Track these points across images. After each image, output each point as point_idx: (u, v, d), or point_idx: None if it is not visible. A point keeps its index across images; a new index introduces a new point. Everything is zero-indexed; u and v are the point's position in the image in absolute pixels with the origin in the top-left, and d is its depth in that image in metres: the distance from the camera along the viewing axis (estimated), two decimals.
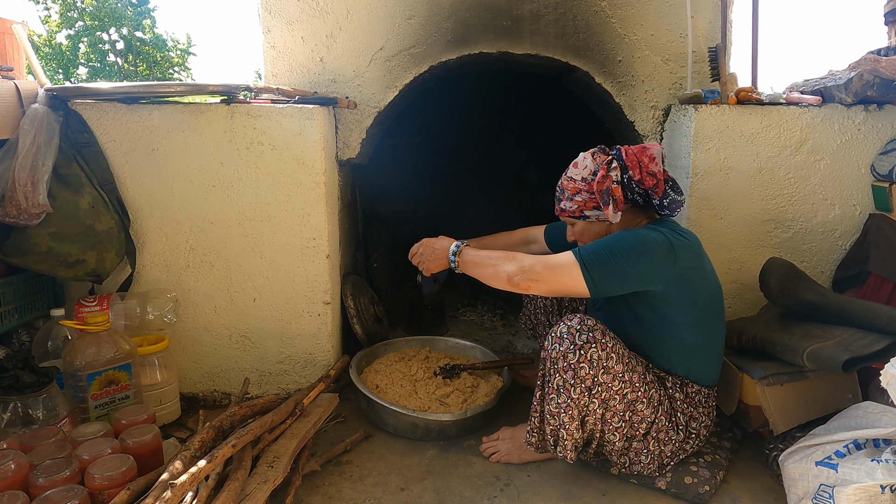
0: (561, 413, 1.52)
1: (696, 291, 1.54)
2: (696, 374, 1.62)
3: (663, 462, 1.61)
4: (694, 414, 1.63)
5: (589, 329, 1.47)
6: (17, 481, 1.32)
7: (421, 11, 2.18)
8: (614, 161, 1.55)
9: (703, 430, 1.65)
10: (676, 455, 1.62)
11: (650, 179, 1.52)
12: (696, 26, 2.17)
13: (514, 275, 1.50)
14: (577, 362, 1.47)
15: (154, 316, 1.98)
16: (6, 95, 1.80)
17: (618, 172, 1.54)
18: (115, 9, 14.35)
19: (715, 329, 1.64)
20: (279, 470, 1.49)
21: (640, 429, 1.56)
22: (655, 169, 1.52)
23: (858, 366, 1.57)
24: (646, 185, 1.53)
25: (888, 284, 1.88)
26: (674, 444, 1.60)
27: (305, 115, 1.94)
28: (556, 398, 1.51)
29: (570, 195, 1.62)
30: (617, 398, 1.50)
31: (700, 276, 1.55)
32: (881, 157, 1.97)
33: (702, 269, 1.56)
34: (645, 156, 1.54)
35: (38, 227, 1.74)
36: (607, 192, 1.53)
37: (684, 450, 1.63)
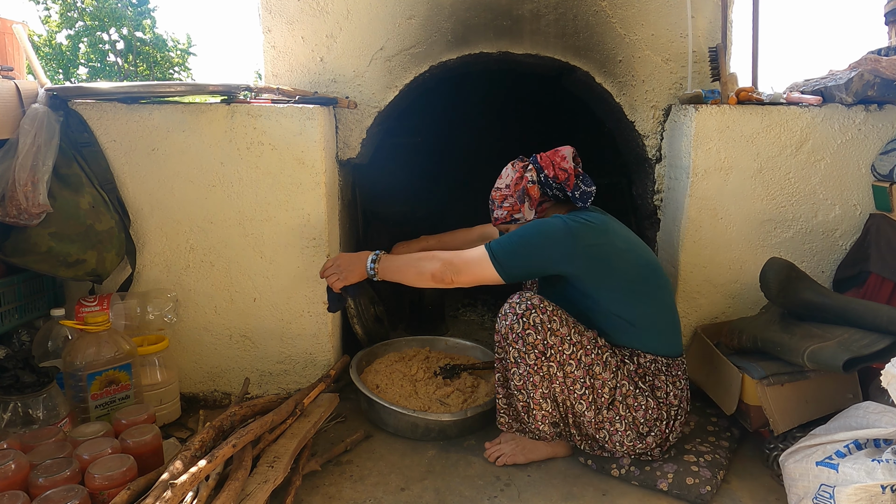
0: (525, 383, 1.61)
1: (612, 268, 1.61)
2: (645, 346, 1.64)
3: (640, 431, 1.61)
4: (656, 382, 1.62)
5: (527, 299, 1.60)
6: (18, 481, 1.32)
7: (421, 11, 2.18)
8: (530, 164, 1.75)
9: (673, 399, 1.63)
10: (654, 425, 1.61)
11: (562, 174, 1.70)
12: (697, 26, 2.17)
13: (437, 271, 1.64)
14: (524, 330, 1.58)
15: (154, 316, 1.98)
16: (6, 95, 1.80)
17: (533, 173, 1.73)
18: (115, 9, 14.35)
19: (651, 301, 1.65)
20: (279, 470, 1.49)
21: (605, 394, 1.59)
22: (566, 165, 1.70)
23: (859, 366, 1.57)
24: (560, 180, 1.69)
25: (888, 284, 1.88)
26: (645, 410, 1.60)
27: (306, 114, 1.94)
28: (517, 370, 1.61)
29: (499, 203, 1.77)
30: (573, 363, 1.58)
31: (611, 252, 1.62)
32: (881, 157, 1.97)
33: (611, 245, 1.62)
34: (557, 156, 1.72)
35: (39, 226, 1.74)
36: (523, 191, 1.72)
37: (662, 419, 1.62)
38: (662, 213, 2.26)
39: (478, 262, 1.62)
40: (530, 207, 1.72)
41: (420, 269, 1.69)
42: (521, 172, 1.74)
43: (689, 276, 2.08)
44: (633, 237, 1.73)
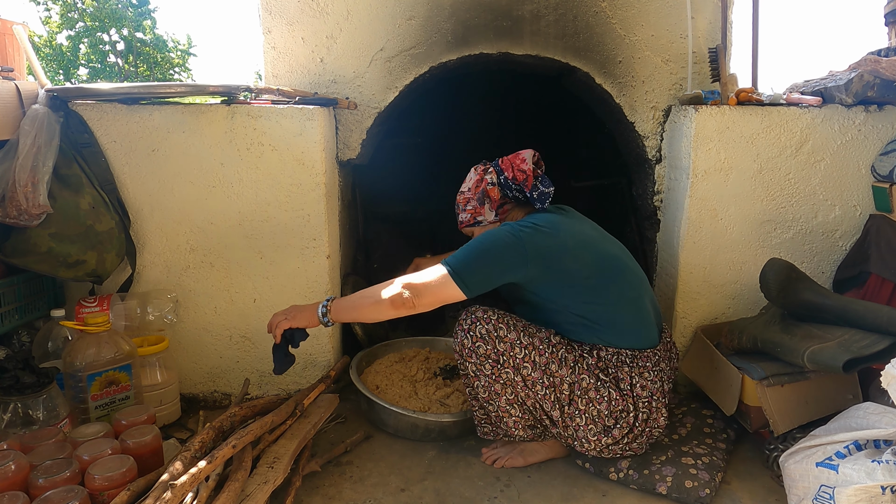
0: (490, 394, 1.65)
1: (564, 268, 1.59)
2: (607, 340, 1.62)
3: (605, 424, 1.59)
4: (619, 374, 1.60)
5: (472, 313, 1.65)
6: (18, 482, 1.32)
7: (421, 12, 2.18)
8: (491, 167, 1.79)
9: (640, 391, 1.60)
10: (620, 416, 1.59)
11: (521, 175, 1.72)
12: (697, 27, 2.17)
13: (396, 296, 1.53)
14: (473, 343, 1.62)
15: (154, 316, 1.98)
16: (7, 96, 1.80)
17: (493, 175, 1.77)
18: (115, 10, 14.36)
19: (611, 295, 1.62)
20: (279, 470, 1.49)
21: (565, 390, 1.58)
22: (525, 167, 1.72)
23: (859, 366, 1.57)
24: (518, 181, 1.72)
25: (888, 285, 1.88)
26: (608, 402, 1.58)
27: (306, 115, 1.94)
28: (478, 383, 1.65)
29: (463, 206, 1.81)
30: (528, 365, 1.59)
31: (562, 252, 1.59)
32: (881, 158, 1.97)
33: (561, 245, 1.60)
34: (517, 158, 1.75)
35: (39, 227, 1.74)
36: (483, 193, 1.76)
37: (628, 410, 1.59)
38: (662, 214, 2.26)
39: (438, 280, 1.53)
40: (490, 209, 1.76)
41: (376, 297, 1.56)
42: (482, 175, 1.78)
43: (689, 277, 2.08)
44: (591, 233, 1.71)
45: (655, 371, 1.63)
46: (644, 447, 1.68)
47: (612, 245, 1.72)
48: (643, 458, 1.70)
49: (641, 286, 1.70)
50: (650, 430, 1.64)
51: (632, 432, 1.61)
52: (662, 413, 1.64)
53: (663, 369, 1.65)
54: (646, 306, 1.69)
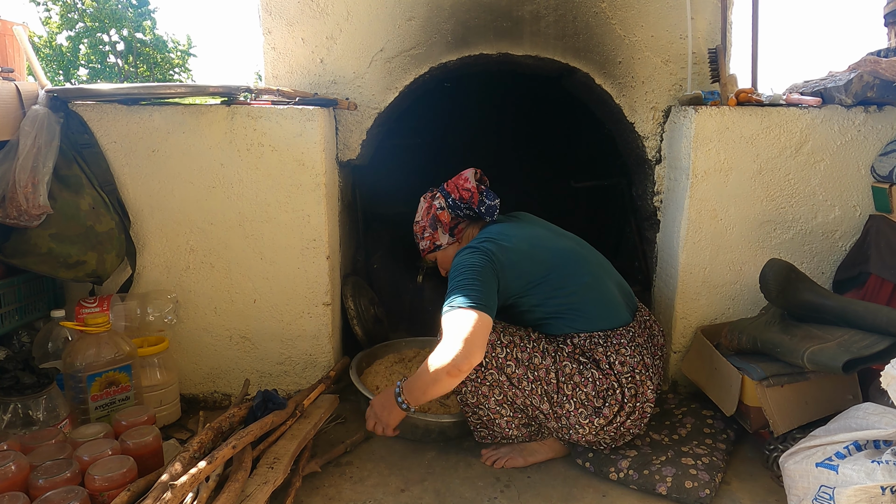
0: (477, 398, 1.66)
1: (526, 271, 1.65)
2: (577, 328, 1.65)
3: (595, 405, 1.59)
4: (595, 356, 1.62)
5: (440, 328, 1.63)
6: (18, 482, 1.32)
7: (421, 13, 2.18)
8: (438, 192, 1.84)
9: (620, 367, 1.60)
10: (608, 395, 1.59)
11: (466, 194, 1.79)
12: (696, 28, 2.17)
13: (451, 368, 1.45)
14: None
15: (154, 317, 1.98)
16: (7, 97, 1.80)
17: (441, 200, 1.82)
18: (115, 10, 14.37)
19: (572, 286, 1.65)
20: (279, 471, 1.49)
21: (552, 380, 1.60)
22: (469, 186, 1.78)
23: (859, 367, 1.57)
24: (465, 199, 1.79)
25: (888, 285, 1.88)
26: (593, 382, 1.59)
27: (306, 116, 1.94)
28: (465, 388, 1.67)
29: (420, 235, 1.87)
30: (511, 364, 1.61)
31: (518, 256, 1.65)
32: (881, 159, 1.97)
33: (515, 250, 1.65)
34: (460, 179, 1.81)
35: (39, 228, 1.74)
36: (434, 219, 1.83)
37: (613, 388, 1.59)
38: (662, 215, 2.27)
39: (470, 323, 1.46)
40: (444, 232, 1.82)
41: (437, 376, 1.48)
42: (430, 202, 1.84)
43: (689, 278, 2.08)
44: (543, 233, 1.78)
45: (632, 346, 1.64)
46: (640, 426, 1.67)
47: (564, 240, 1.79)
48: (643, 458, 1.70)
49: (601, 270, 1.74)
50: (640, 405, 1.63)
51: (622, 409, 1.61)
52: (649, 386, 1.63)
53: (641, 344, 1.66)
54: (609, 288, 1.72)
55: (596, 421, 1.61)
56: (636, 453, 1.72)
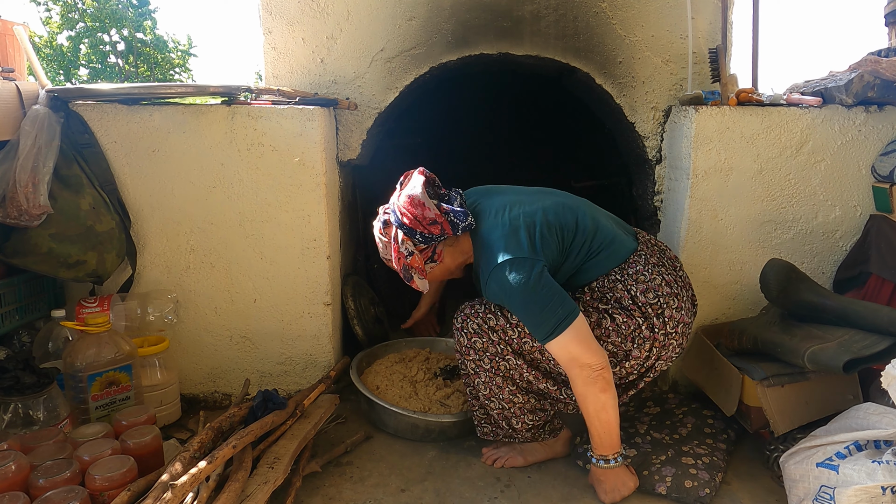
0: (491, 389, 1.65)
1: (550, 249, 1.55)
2: (593, 275, 1.62)
3: (625, 349, 1.57)
4: (615, 294, 1.58)
5: (461, 311, 1.67)
6: (18, 482, 1.32)
7: (421, 13, 2.18)
8: (398, 231, 1.55)
9: (642, 297, 1.57)
10: (636, 336, 1.56)
11: (435, 228, 1.54)
12: (697, 27, 2.17)
13: (595, 383, 1.46)
14: (469, 340, 1.63)
15: (155, 317, 1.98)
16: (7, 96, 1.80)
17: (408, 244, 1.55)
18: (115, 10, 14.37)
19: (581, 238, 1.60)
20: (279, 471, 1.49)
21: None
22: (430, 214, 1.53)
23: (859, 367, 1.57)
24: (437, 233, 1.55)
25: (889, 285, 1.88)
26: (616, 329, 1.56)
27: (306, 116, 1.94)
28: (479, 379, 1.65)
29: (397, 269, 1.61)
30: (528, 339, 1.59)
31: (550, 241, 1.55)
32: (882, 158, 1.97)
33: (541, 237, 1.54)
34: (416, 207, 1.53)
35: (39, 227, 1.74)
36: (406, 269, 1.59)
37: (640, 324, 1.56)
38: (663, 214, 2.26)
39: (577, 335, 1.46)
40: (421, 277, 1.60)
41: (599, 403, 1.49)
42: (395, 244, 1.57)
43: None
44: (525, 199, 1.63)
45: (648, 269, 1.61)
46: (680, 348, 1.63)
47: (548, 196, 1.67)
48: (643, 457, 1.70)
49: (593, 210, 1.68)
50: (674, 325, 1.59)
51: (655, 343, 1.58)
52: (672, 305, 1.59)
53: (655, 264, 1.63)
54: (608, 225, 1.66)
55: (627, 364, 1.58)
56: (636, 452, 1.72)
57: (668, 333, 1.60)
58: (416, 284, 1.61)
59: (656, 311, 1.58)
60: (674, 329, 1.60)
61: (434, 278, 1.69)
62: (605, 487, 1.58)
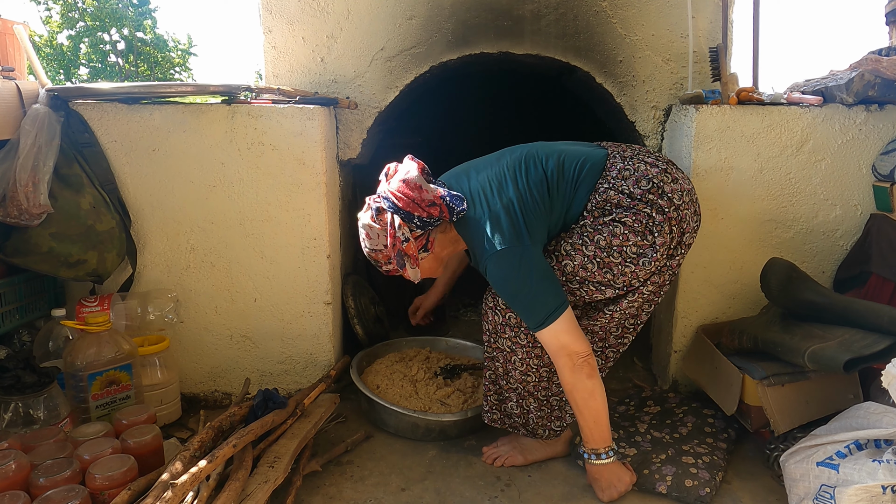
0: (527, 366, 1.66)
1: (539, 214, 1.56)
2: (588, 189, 1.60)
3: (649, 242, 1.55)
4: (609, 201, 1.57)
5: (489, 290, 1.68)
6: (19, 481, 1.32)
7: (422, 12, 2.18)
8: (394, 216, 1.49)
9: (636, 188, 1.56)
10: (650, 225, 1.55)
11: (435, 210, 1.51)
12: (697, 26, 2.17)
13: (580, 371, 1.50)
14: (504, 317, 1.64)
15: (155, 316, 1.98)
16: (7, 96, 1.80)
17: (404, 229, 1.49)
18: (116, 9, 14.37)
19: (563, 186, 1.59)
20: (280, 470, 1.49)
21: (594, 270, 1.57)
22: (429, 196, 1.50)
23: (860, 366, 1.56)
24: (435, 216, 1.51)
25: (889, 285, 1.88)
26: (631, 228, 1.54)
27: (306, 115, 1.94)
28: (516, 356, 1.65)
29: (386, 261, 1.55)
30: None
31: (532, 211, 1.54)
32: (882, 158, 1.97)
33: (524, 214, 1.53)
34: (412, 191, 1.49)
35: (39, 227, 1.74)
36: (401, 256, 1.51)
37: (647, 213, 1.55)
38: None
39: (565, 325, 1.49)
40: (413, 266, 1.53)
41: (585, 393, 1.52)
42: (393, 234, 1.49)
43: (690, 277, 2.08)
44: (495, 170, 1.62)
45: (628, 162, 1.60)
46: (696, 216, 1.63)
47: (511, 153, 1.66)
48: (643, 456, 1.70)
49: (544, 149, 1.65)
50: (679, 197, 1.57)
51: (672, 221, 1.56)
52: (667, 181, 1.57)
53: (632, 156, 1.61)
54: (566, 149, 1.65)
55: (658, 255, 1.56)
56: (636, 451, 1.72)
57: (678, 207, 1.58)
58: (408, 274, 1.54)
59: (656, 193, 1.56)
60: (681, 200, 1.58)
61: (424, 272, 1.63)
62: (601, 485, 1.59)
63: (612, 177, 1.59)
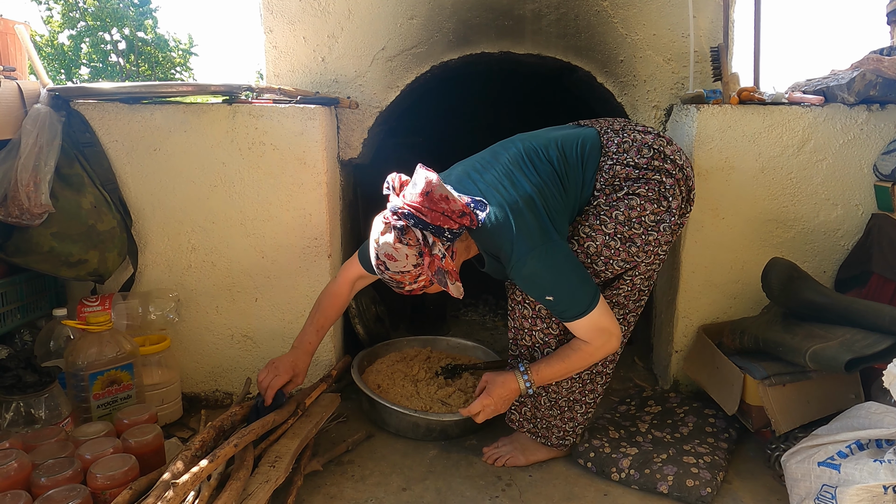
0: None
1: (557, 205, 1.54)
2: (594, 168, 1.59)
3: (663, 206, 1.56)
4: (617, 177, 1.56)
5: (510, 292, 1.70)
6: (20, 481, 1.32)
7: (423, 11, 2.18)
8: (424, 232, 1.38)
9: (639, 158, 1.56)
10: (661, 188, 1.55)
11: (465, 219, 1.40)
12: (699, 26, 2.17)
13: (608, 351, 1.56)
14: (534, 310, 1.63)
15: (156, 316, 1.98)
16: (9, 96, 1.80)
17: (439, 246, 1.38)
18: (117, 9, 14.39)
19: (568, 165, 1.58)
20: (281, 470, 1.49)
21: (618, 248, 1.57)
22: (458, 207, 1.39)
23: (861, 366, 1.56)
24: (466, 224, 1.40)
25: (890, 284, 1.88)
26: (645, 198, 1.55)
27: (307, 115, 1.94)
28: (548, 349, 1.64)
29: (411, 281, 1.43)
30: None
31: (553, 203, 1.53)
32: (883, 157, 1.97)
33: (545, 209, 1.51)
34: (442, 202, 1.37)
35: (41, 226, 1.74)
36: (441, 272, 1.39)
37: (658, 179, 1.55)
38: None
39: (603, 314, 1.51)
40: (453, 281, 1.41)
41: (586, 360, 1.56)
42: (427, 251, 1.38)
43: (691, 277, 2.08)
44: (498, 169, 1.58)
45: (622, 133, 1.60)
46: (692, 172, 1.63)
47: (508, 158, 1.60)
48: (644, 456, 1.70)
49: (538, 140, 1.62)
50: (679, 156, 1.58)
51: (679, 183, 1.57)
52: (664, 142, 1.57)
53: (621, 128, 1.62)
54: (560, 135, 1.64)
55: (676, 219, 1.57)
56: (637, 451, 1.72)
57: (681, 166, 1.59)
58: (451, 290, 1.40)
59: (660, 158, 1.56)
60: (682, 160, 1.60)
61: (436, 285, 1.49)
62: (493, 396, 1.61)
63: (613, 152, 1.59)
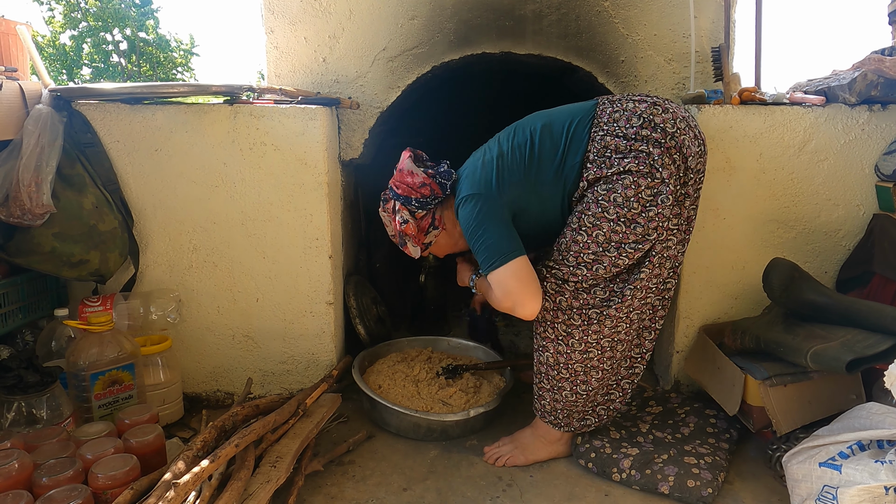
0: (586, 344, 1.64)
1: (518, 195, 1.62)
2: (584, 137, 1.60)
3: (656, 187, 1.53)
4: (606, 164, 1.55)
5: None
6: (21, 480, 1.33)
7: (423, 12, 2.18)
8: (395, 202, 1.73)
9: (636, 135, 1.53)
10: (654, 163, 1.52)
11: (426, 189, 1.69)
12: (700, 26, 2.17)
13: (506, 304, 1.58)
14: (554, 302, 1.65)
15: (157, 316, 1.99)
16: (10, 96, 1.80)
17: (403, 213, 1.71)
18: (118, 9, 14.41)
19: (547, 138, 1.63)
20: (282, 470, 1.50)
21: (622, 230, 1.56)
22: (419, 179, 1.69)
23: (862, 366, 1.56)
24: (427, 195, 1.70)
25: (892, 285, 1.87)
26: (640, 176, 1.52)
27: (308, 115, 1.94)
28: (574, 338, 1.64)
29: (399, 242, 1.78)
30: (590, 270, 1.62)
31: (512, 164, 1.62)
32: (885, 158, 1.97)
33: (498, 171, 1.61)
34: (406, 176, 1.70)
35: (42, 227, 1.75)
36: (402, 236, 1.74)
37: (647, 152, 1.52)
38: None
39: (514, 271, 1.54)
40: (415, 244, 1.74)
41: (497, 297, 1.59)
42: (391, 216, 1.75)
43: (692, 277, 2.08)
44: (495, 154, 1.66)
45: (614, 104, 1.59)
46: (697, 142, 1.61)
47: (500, 134, 1.74)
48: (645, 456, 1.70)
49: (534, 118, 1.71)
50: (672, 125, 1.54)
51: (670, 151, 1.52)
52: (657, 113, 1.54)
53: (618, 99, 1.61)
54: (555, 113, 1.69)
55: (670, 189, 1.53)
56: (638, 451, 1.72)
57: (673, 134, 1.53)
58: (409, 250, 1.76)
59: (649, 127, 1.52)
60: (675, 128, 1.53)
61: (442, 248, 1.83)
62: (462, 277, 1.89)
63: (605, 122, 1.57)
